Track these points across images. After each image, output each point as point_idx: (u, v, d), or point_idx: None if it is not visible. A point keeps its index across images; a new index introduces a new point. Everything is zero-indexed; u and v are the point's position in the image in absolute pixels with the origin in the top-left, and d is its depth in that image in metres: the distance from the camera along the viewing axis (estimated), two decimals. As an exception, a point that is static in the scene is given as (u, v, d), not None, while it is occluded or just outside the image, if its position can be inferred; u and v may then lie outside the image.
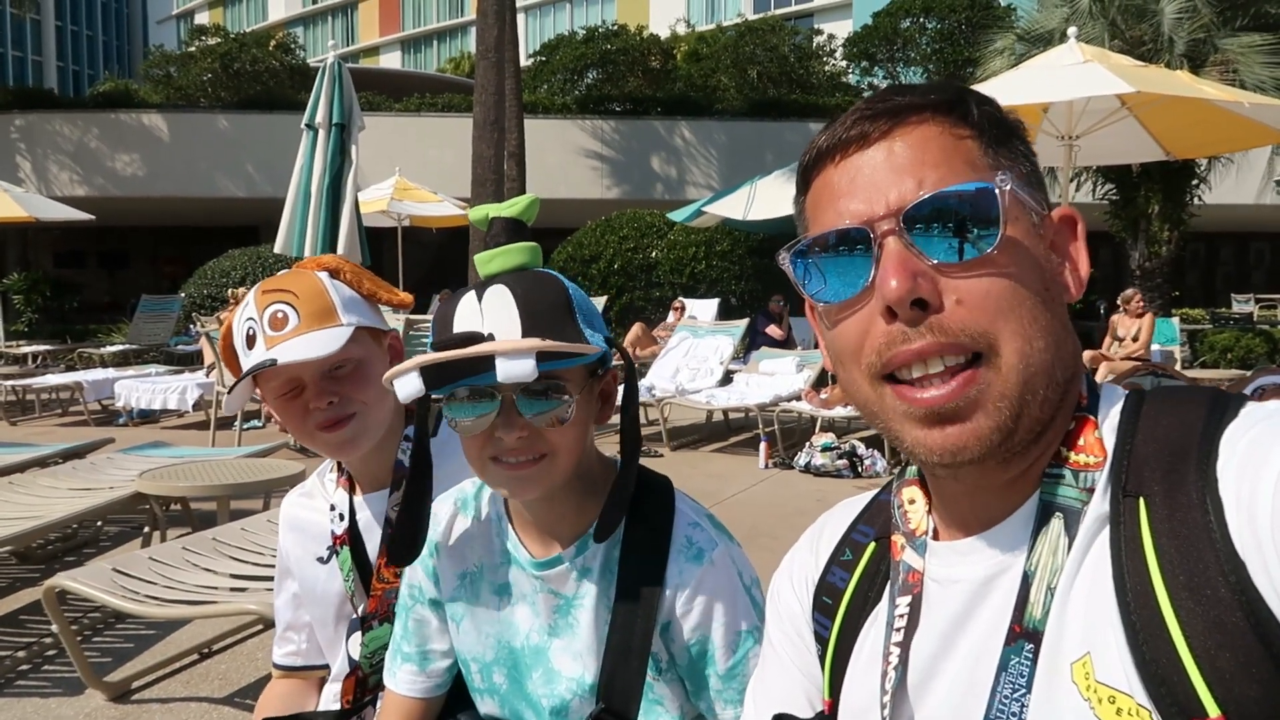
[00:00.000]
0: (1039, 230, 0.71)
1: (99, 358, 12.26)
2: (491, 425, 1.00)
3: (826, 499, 5.80)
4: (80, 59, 59.14)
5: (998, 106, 0.74)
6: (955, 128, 0.71)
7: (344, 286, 1.37)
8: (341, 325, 1.31)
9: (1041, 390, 0.67)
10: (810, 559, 0.90)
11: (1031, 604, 0.67)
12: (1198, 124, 6.91)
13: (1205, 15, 11.18)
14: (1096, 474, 0.68)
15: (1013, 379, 0.66)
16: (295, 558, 1.48)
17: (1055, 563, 0.67)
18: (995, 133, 0.72)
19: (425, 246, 18.02)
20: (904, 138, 0.70)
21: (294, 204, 6.88)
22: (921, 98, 0.72)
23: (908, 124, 0.71)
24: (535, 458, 1.02)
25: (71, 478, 4.41)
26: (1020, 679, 0.66)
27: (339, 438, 1.32)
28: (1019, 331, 0.66)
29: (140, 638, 3.44)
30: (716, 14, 40.51)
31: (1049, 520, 0.68)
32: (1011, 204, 0.68)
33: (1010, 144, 0.73)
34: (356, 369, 1.32)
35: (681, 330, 9.53)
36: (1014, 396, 0.66)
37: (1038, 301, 0.68)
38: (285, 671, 1.54)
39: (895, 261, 0.67)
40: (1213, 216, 14.78)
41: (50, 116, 19.23)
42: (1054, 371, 0.68)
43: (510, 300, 1.00)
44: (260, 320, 1.30)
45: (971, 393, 0.66)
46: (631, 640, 1.07)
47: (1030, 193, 0.72)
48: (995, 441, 0.67)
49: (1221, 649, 0.58)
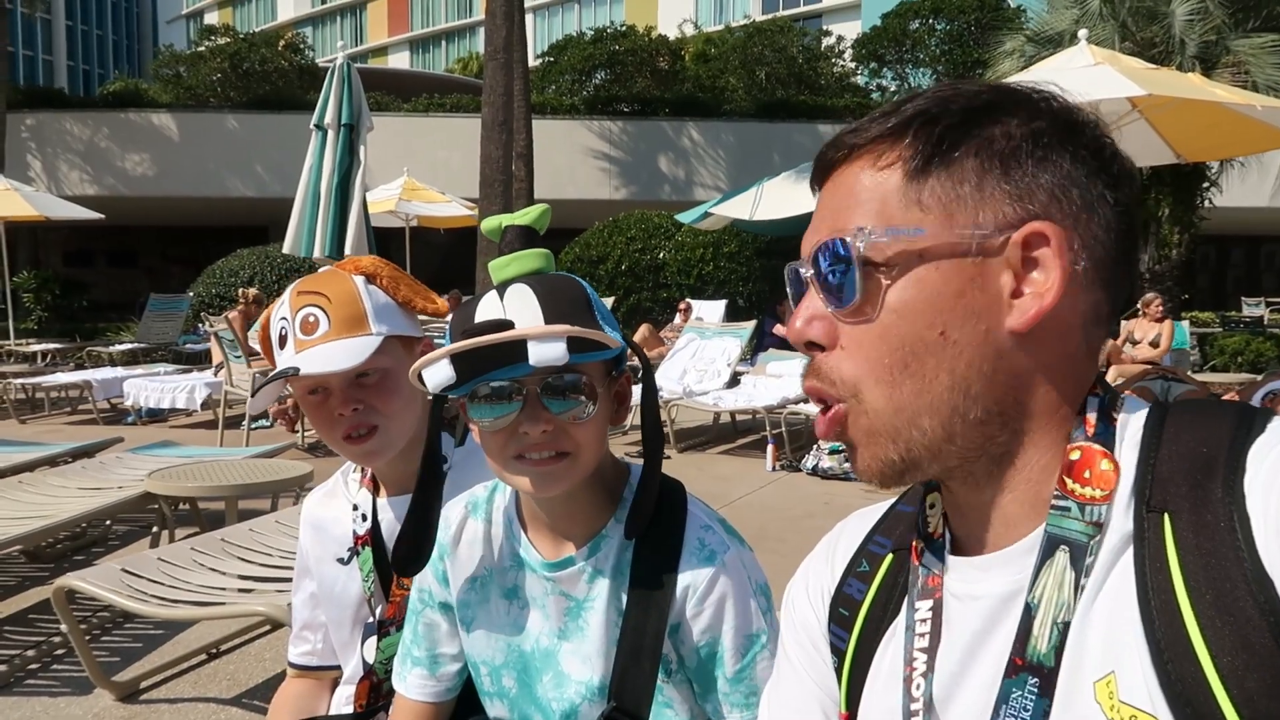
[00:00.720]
0: (968, 254, 0.67)
1: (108, 356, 12.31)
2: (515, 421, 1.01)
3: (834, 502, 5.80)
4: (90, 59, 59.42)
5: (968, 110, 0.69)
6: (881, 159, 0.70)
7: (379, 292, 1.35)
8: (371, 335, 1.30)
9: (931, 428, 0.68)
10: (826, 570, 0.89)
11: (1035, 637, 0.66)
12: (1209, 127, 6.87)
13: (1217, 17, 11.13)
14: (1103, 508, 0.66)
15: (881, 419, 0.69)
16: (315, 557, 1.47)
17: (1061, 597, 0.66)
18: (929, 156, 0.68)
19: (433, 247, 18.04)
20: (842, 173, 0.72)
21: (303, 204, 6.90)
22: (874, 125, 0.71)
23: (851, 158, 0.72)
24: (558, 454, 1.03)
25: (81, 477, 4.43)
26: (1024, 712, 0.65)
27: (362, 450, 1.32)
28: (883, 379, 0.68)
29: (149, 638, 3.45)
30: (725, 15, 40.52)
31: (1053, 553, 0.67)
32: (881, 249, 0.67)
33: (952, 162, 0.68)
34: (383, 378, 1.32)
35: (689, 331, 9.52)
36: (888, 433, 0.69)
37: (917, 347, 0.67)
38: (300, 671, 1.54)
39: (804, 304, 0.72)
40: (1223, 219, 14.72)
41: (60, 116, 19.33)
42: (951, 410, 0.67)
43: (532, 296, 1.01)
44: (292, 322, 1.30)
45: (838, 430, 0.71)
46: (643, 641, 1.07)
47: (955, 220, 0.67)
48: (890, 469, 0.70)
49: (1249, 669, 0.57)
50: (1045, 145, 0.68)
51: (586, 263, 15.24)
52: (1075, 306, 0.68)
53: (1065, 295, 0.66)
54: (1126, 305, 0.77)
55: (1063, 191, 0.68)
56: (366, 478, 1.44)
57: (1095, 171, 0.69)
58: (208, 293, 14.49)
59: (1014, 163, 0.68)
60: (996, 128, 0.69)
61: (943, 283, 0.67)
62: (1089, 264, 0.68)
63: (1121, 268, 0.70)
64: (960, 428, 0.68)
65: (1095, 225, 0.68)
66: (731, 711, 1.10)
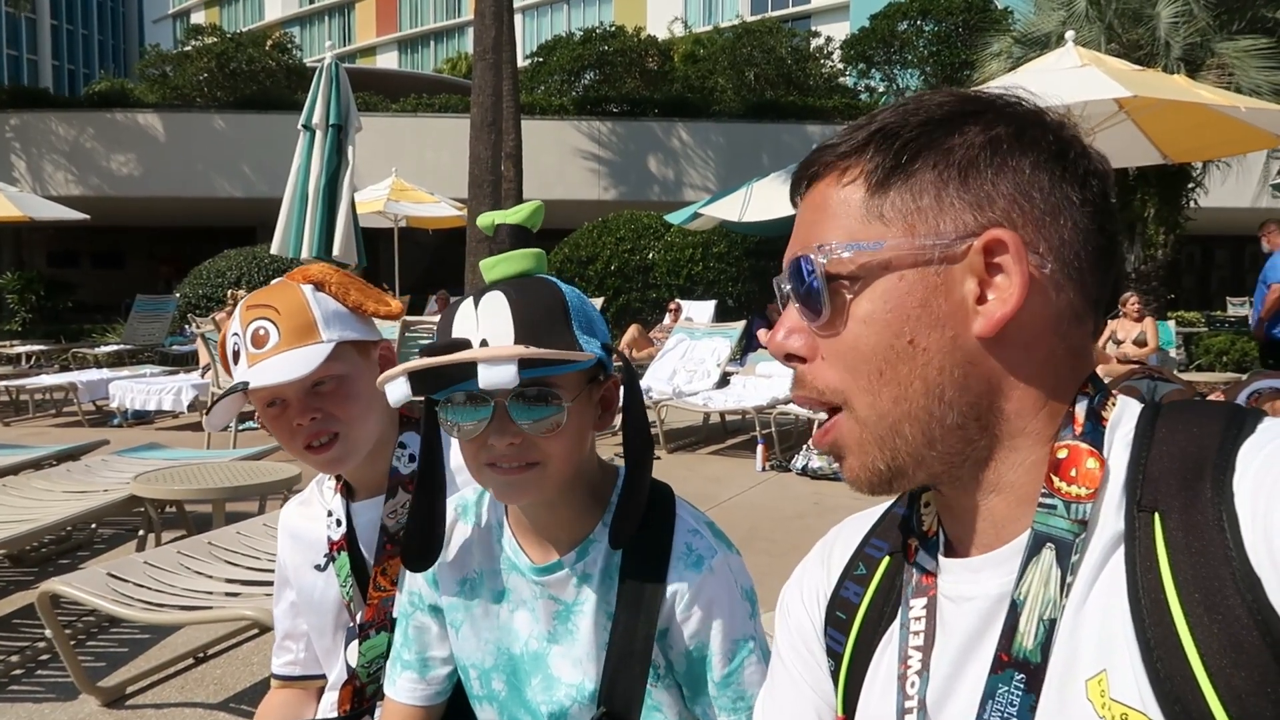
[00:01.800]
0: (930, 263, 0.68)
1: (93, 358, 12.23)
2: (485, 431, 1.01)
3: (824, 501, 5.81)
4: (76, 58, 59.06)
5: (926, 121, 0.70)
6: (844, 176, 0.72)
7: (328, 299, 1.35)
8: (321, 343, 1.30)
9: (912, 435, 0.69)
10: (821, 574, 0.89)
11: (1021, 634, 0.67)
12: (1195, 128, 6.92)
13: (1201, 19, 11.20)
14: (1088, 506, 0.67)
15: (869, 428, 0.71)
16: (293, 566, 1.47)
17: (1048, 594, 0.66)
18: (890, 169, 0.70)
19: (422, 247, 18.03)
20: (813, 190, 0.75)
21: (291, 204, 6.88)
22: (842, 141, 0.73)
23: (812, 183, 0.75)
24: (527, 465, 1.03)
25: (66, 480, 4.39)
26: (1011, 708, 0.66)
27: (324, 459, 1.33)
28: (865, 388, 0.70)
29: (135, 642, 3.43)
30: (714, 16, 40.56)
31: (1040, 550, 0.68)
32: (844, 263, 0.70)
33: (912, 175, 0.69)
34: (339, 386, 1.32)
35: (678, 332, 9.52)
36: (875, 440, 0.71)
37: (889, 355, 0.69)
38: (284, 681, 1.53)
39: (784, 318, 0.74)
40: (1208, 220, 14.83)
41: (45, 116, 19.19)
42: (929, 415, 0.69)
43: (505, 306, 1.01)
44: (244, 337, 1.30)
45: (833, 438, 0.73)
46: (633, 645, 1.08)
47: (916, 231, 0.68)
48: (879, 476, 0.72)
49: (1237, 668, 0.58)
50: (1004, 151, 0.69)
51: (576, 263, 15.23)
52: (1045, 309, 0.69)
53: (1031, 298, 0.67)
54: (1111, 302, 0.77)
55: (1024, 196, 0.69)
56: (340, 483, 1.44)
57: (1060, 173, 0.69)
58: (194, 294, 14.42)
59: (972, 171, 0.69)
60: (956, 138, 0.70)
61: (907, 293, 0.69)
62: (1057, 266, 0.69)
63: (1098, 266, 0.71)
64: (939, 433, 0.69)
65: (1062, 227, 0.69)
66: (720, 715, 1.10)
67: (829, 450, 0.74)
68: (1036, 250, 0.68)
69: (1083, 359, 0.72)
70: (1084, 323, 0.71)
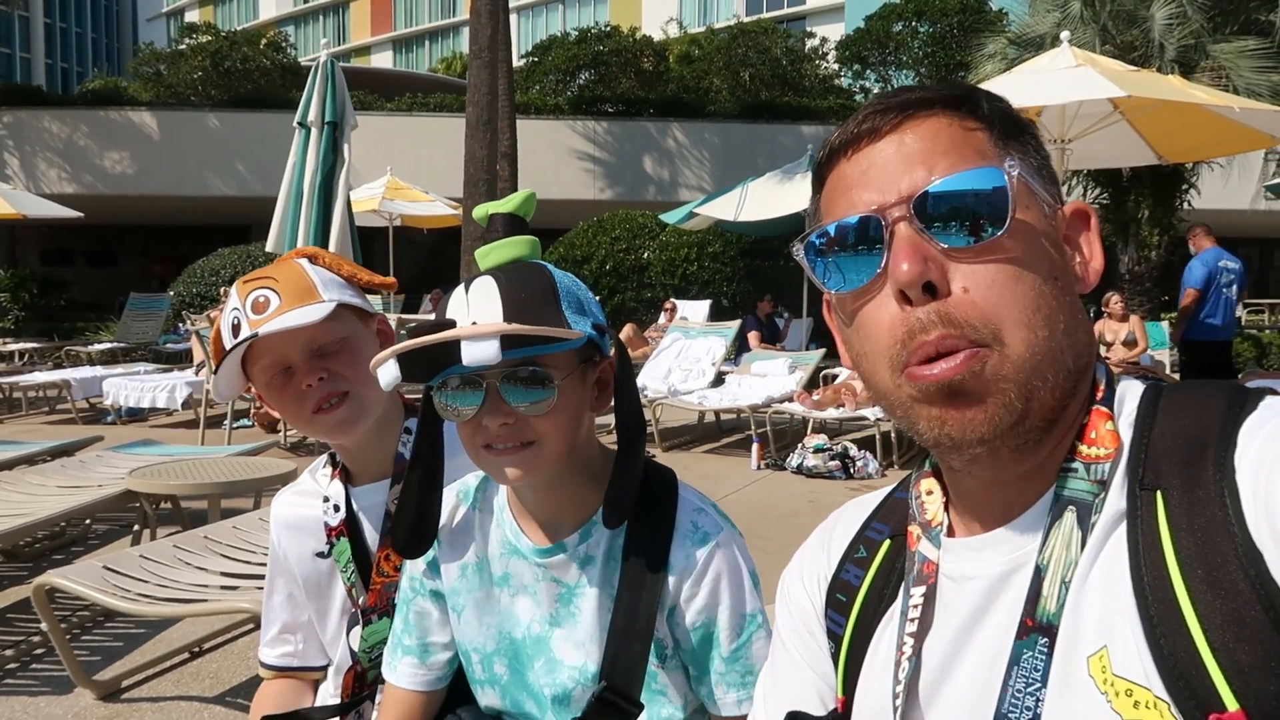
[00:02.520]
0: (1050, 221, 0.72)
1: (87, 355, 12.18)
2: (478, 413, 1.02)
3: (819, 500, 5.82)
4: (69, 56, 58.85)
5: (1009, 104, 0.76)
6: (965, 120, 0.73)
7: (323, 270, 1.37)
8: (323, 301, 1.31)
9: (1050, 377, 0.68)
10: (822, 556, 0.89)
11: (1045, 597, 0.67)
12: (1189, 128, 6.94)
13: (1195, 21, 11.23)
14: (1106, 465, 0.68)
15: (1018, 364, 0.67)
16: (294, 556, 1.46)
17: (1069, 556, 0.67)
18: (1005, 126, 0.73)
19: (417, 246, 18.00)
20: (914, 130, 0.72)
21: (286, 202, 6.86)
22: (931, 93, 0.74)
23: (917, 117, 0.72)
24: (521, 444, 1.03)
25: (60, 475, 4.38)
26: (1035, 673, 0.66)
27: (335, 418, 1.31)
28: (1023, 320, 0.67)
29: (130, 636, 3.42)
30: (709, 16, 40.58)
31: (1062, 514, 0.68)
32: (1020, 191, 0.70)
33: (1020, 138, 0.74)
34: (344, 346, 1.32)
35: (673, 331, 9.52)
36: (1020, 380, 0.67)
37: (1045, 289, 0.68)
38: (279, 672, 1.52)
39: (906, 246, 0.68)
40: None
41: (39, 113, 19.12)
42: (1062, 359, 0.68)
43: (494, 289, 1.02)
44: (244, 308, 1.30)
45: (976, 367, 0.66)
46: (635, 624, 1.08)
47: (1041, 184, 0.73)
48: (1004, 423, 0.67)
49: (1240, 643, 0.58)
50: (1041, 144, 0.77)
51: (571, 263, 15.22)
52: None
53: None
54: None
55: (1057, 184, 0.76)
56: (337, 469, 1.44)
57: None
58: (188, 292, 14.37)
59: (1045, 157, 0.76)
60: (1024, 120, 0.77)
61: (1046, 236, 0.71)
62: None
63: None
64: (1062, 379, 0.69)
65: None
66: (728, 692, 1.11)
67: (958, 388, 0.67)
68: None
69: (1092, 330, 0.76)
70: None
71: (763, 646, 1.10)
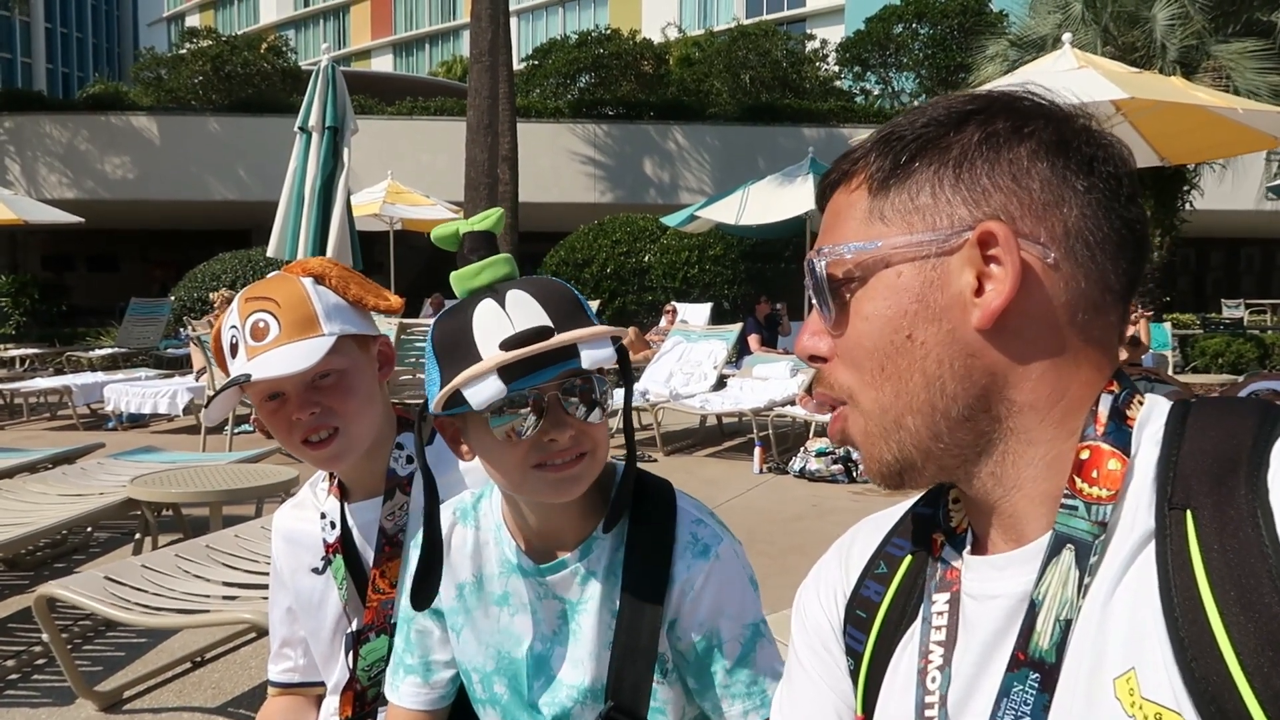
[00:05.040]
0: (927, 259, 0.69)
1: (88, 361, 12.18)
2: (540, 430, 1.00)
3: (822, 504, 5.80)
4: (70, 61, 58.94)
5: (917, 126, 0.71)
6: (851, 182, 0.75)
7: (329, 293, 1.33)
8: (323, 335, 1.28)
9: (915, 426, 0.70)
10: (839, 573, 0.88)
11: (1038, 633, 0.66)
12: (1192, 130, 6.93)
13: (1197, 22, 11.23)
14: (1108, 507, 0.66)
15: (873, 420, 0.73)
16: (290, 570, 1.45)
17: (1065, 595, 0.66)
18: (889, 173, 0.72)
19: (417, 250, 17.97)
20: (826, 208, 0.78)
21: (287, 207, 6.86)
22: (842, 161, 0.77)
23: (832, 194, 0.78)
24: (579, 455, 1.03)
25: (61, 483, 4.37)
26: (1024, 706, 0.66)
27: (323, 455, 1.30)
28: (867, 383, 0.72)
29: (132, 646, 3.41)
30: (709, 19, 40.59)
31: (1060, 551, 0.67)
32: (844, 265, 0.72)
33: (911, 176, 0.71)
34: (340, 380, 1.30)
35: (675, 335, 9.52)
36: (880, 433, 0.72)
37: (889, 350, 0.70)
38: (282, 689, 1.51)
39: (810, 320, 0.77)
40: (1203, 222, 14.85)
41: (39, 119, 19.13)
42: (931, 408, 0.69)
43: (531, 300, 1.01)
44: (242, 329, 1.28)
45: (841, 424, 0.75)
46: (639, 640, 1.07)
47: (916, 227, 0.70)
48: (888, 469, 0.73)
49: (1275, 666, 0.57)
50: (1000, 145, 0.69)
51: (572, 266, 15.22)
52: (1051, 299, 0.68)
53: (1032, 288, 0.67)
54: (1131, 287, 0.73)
55: (1021, 187, 0.68)
56: (334, 485, 1.42)
57: (1061, 162, 0.69)
58: (189, 297, 14.38)
59: (966, 167, 0.70)
60: (953, 135, 0.71)
61: (904, 289, 0.70)
62: (1062, 254, 0.68)
63: (1114, 254, 0.70)
64: (945, 426, 0.70)
65: (1066, 215, 0.68)
66: (733, 703, 1.10)
67: (841, 441, 0.77)
68: (1037, 240, 0.67)
69: (1105, 351, 0.71)
70: (1104, 313, 0.70)
71: (766, 655, 1.11)
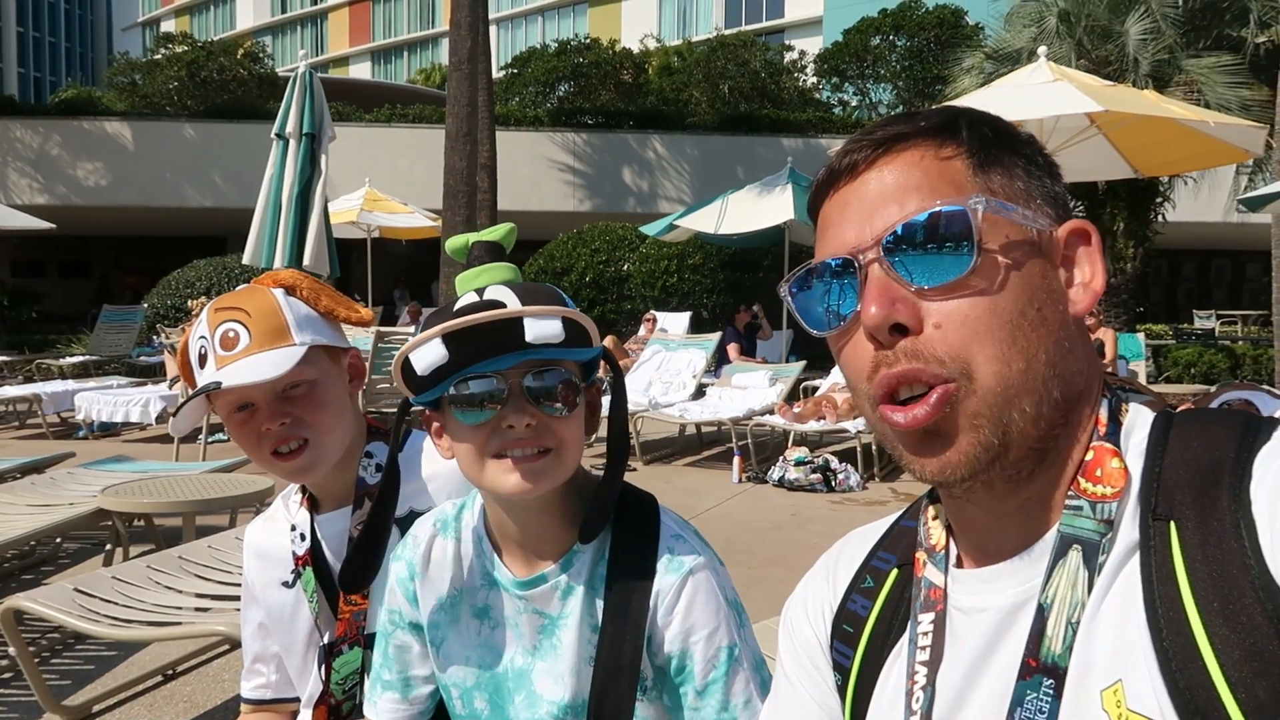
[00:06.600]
0: (1037, 247, 0.70)
1: (58, 369, 12.00)
2: (498, 415, 0.99)
3: (801, 513, 5.81)
4: (42, 65, 58.31)
5: (996, 123, 0.74)
6: (941, 149, 0.72)
7: (300, 304, 1.32)
8: (294, 345, 1.27)
9: (1028, 409, 0.66)
10: (826, 588, 0.88)
11: (1049, 638, 0.66)
12: (1164, 142, 7.04)
13: (1169, 37, 11.40)
14: (1114, 505, 0.66)
15: (989, 399, 0.66)
16: (260, 584, 1.43)
17: (1074, 596, 0.66)
18: (985, 152, 0.71)
19: (395, 258, 17.91)
20: (890, 164, 0.72)
21: (263, 214, 6.80)
22: (908, 124, 0.73)
23: (893, 151, 0.72)
24: (542, 450, 1.01)
25: (30, 493, 4.29)
26: (1040, 715, 0.65)
27: (293, 466, 1.28)
28: (995, 355, 0.66)
29: (101, 659, 3.35)
30: (688, 29, 40.78)
31: (1067, 552, 0.67)
32: (991, 223, 0.68)
33: (1004, 161, 0.72)
34: (310, 390, 1.28)
35: (654, 343, 9.51)
36: (992, 415, 0.66)
37: (1021, 322, 0.67)
38: (254, 705, 1.48)
39: (875, 289, 0.68)
40: (1175, 234, 15.05)
41: (10, 123, 18.90)
42: (1044, 390, 0.67)
43: (511, 293, 1.01)
44: (212, 339, 1.26)
45: (947, 410, 0.66)
46: (621, 658, 1.06)
47: (1026, 209, 0.70)
48: (982, 460, 0.67)
49: (1258, 677, 0.57)
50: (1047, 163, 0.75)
51: (551, 274, 15.20)
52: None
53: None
54: None
55: (1064, 201, 0.74)
56: (305, 496, 1.41)
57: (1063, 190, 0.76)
58: (163, 304, 14.21)
59: (1045, 167, 0.74)
60: (1020, 137, 0.74)
61: (1034, 262, 0.70)
62: None
63: None
64: (1045, 410, 0.68)
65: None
66: None
67: (931, 430, 0.67)
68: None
69: (1095, 357, 0.73)
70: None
71: (742, 681, 1.07)
